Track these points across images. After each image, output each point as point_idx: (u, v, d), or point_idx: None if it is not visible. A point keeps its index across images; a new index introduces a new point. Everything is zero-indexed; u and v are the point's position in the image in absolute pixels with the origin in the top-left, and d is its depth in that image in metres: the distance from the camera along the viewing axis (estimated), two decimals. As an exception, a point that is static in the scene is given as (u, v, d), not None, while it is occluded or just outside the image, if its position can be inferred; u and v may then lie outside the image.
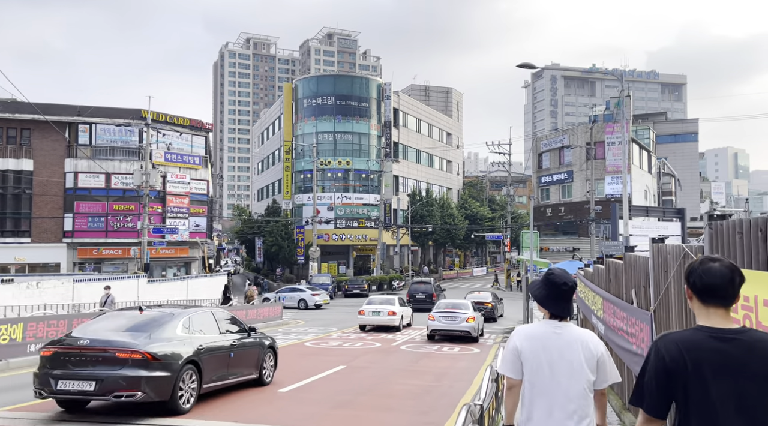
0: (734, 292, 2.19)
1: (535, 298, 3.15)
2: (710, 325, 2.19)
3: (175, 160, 40.46)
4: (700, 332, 2.18)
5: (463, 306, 19.47)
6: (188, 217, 41.17)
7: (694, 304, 2.26)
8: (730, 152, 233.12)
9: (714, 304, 2.20)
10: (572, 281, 3.07)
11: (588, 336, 3.04)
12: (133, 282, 19.98)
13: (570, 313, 3.09)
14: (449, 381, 11.37)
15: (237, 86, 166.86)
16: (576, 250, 47.57)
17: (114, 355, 7.29)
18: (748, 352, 2.11)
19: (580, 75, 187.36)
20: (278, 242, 49.11)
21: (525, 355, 3.02)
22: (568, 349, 2.96)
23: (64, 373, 7.29)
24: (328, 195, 53.99)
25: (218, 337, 8.96)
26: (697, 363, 2.12)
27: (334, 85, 55.45)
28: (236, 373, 9.33)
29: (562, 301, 3.05)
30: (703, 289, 2.20)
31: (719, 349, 2.12)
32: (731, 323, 2.19)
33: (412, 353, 15.88)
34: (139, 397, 7.23)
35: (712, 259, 2.23)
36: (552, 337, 3.00)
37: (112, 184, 38.02)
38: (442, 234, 58.22)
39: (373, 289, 47.26)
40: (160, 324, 8.05)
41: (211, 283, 24.12)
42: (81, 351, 7.37)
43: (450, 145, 71.94)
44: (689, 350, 2.15)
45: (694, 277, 2.22)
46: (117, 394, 7.17)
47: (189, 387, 7.92)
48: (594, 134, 47.35)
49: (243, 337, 9.74)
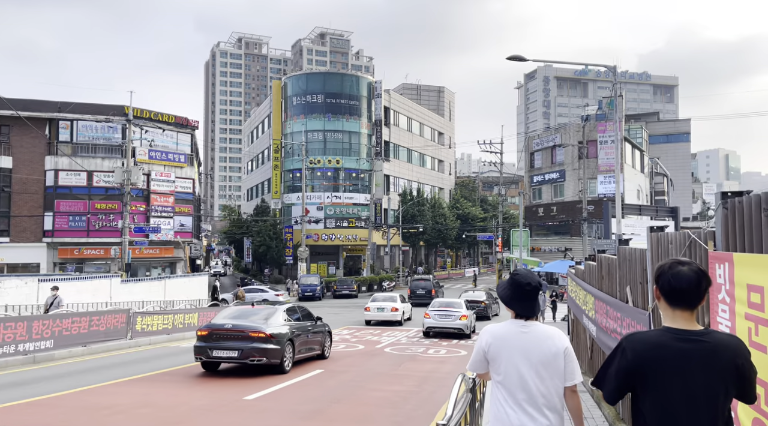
0: (700, 296, 2.26)
1: (501, 299, 3.16)
2: (675, 327, 2.26)
3: (159, 158, 39.53)
4: (666, 333, 2.26)
5: (457, 304, 20.43)
6: (173, 216, 40.24)
7: (662, 304, 2.34)
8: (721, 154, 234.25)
9: (680, 307, 2.27)
10: (536, 281, 3.09)
11: (553, 333, 3.07)
12: (105, 282, 19.13)
13: (535, 313, 3.11)
14: (431, 386, 10.64)
15: (228, 86, 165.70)
16: (568, 250, 47.02)
17: (248, 334, 11.15)
18: (711, 353, 2.18)
19: (573, 76, 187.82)
20: (266, 242, 48.24)
21: (491, 354, 3.08)
22: (534, 348, 3.00)
23: (217, 345, 11.16)
24: (317, 194, 53.17)
25: (300, 323, 12.66)
26: (661, 363, 2.20)
27: (324, 83, 54.65)
28: (312, 348, 13.07)
29: (526, 300, 3.07)
30: (672, 292, 2.27)
31: (683, 349, 2.20)
32: (695, 325, 2.28)
33: (396, 356, 15.14)
34: (264, 361, 11.08)
35: (681, 262, 2.30)
36: (518, 336, 3.04)
37: (94, 183, 37.04)
38: (434, 234, 57.52)
39: (363, 290, 46.51)
40: (271, 314, 11.98)
41: (191, 283, 23.29)
42: (227, 331, 11.24)
43: (442, 144, 71.30)
44: (654, 350, 2.23)
45: (663, 281, 2.30)
46: (251, 359, 10.99)
47: (289, 356, 11.66)
48: (586, 133, 46.82)
49: (314, 324, 13.43)
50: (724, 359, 2.17)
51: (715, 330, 2.45)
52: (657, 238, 4.65)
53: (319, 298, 40.48)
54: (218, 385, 10.29)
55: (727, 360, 2.17)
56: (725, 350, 2.19)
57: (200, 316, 19.60)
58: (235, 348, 11.05)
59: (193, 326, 19.12)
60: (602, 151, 45.89)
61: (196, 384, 10.41)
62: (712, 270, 3.36)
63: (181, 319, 18.49)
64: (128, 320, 15.85)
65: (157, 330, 17.19)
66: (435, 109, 75.43)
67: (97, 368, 12.14)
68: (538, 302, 3.14)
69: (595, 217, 44.80)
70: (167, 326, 17.77)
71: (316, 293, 40.03)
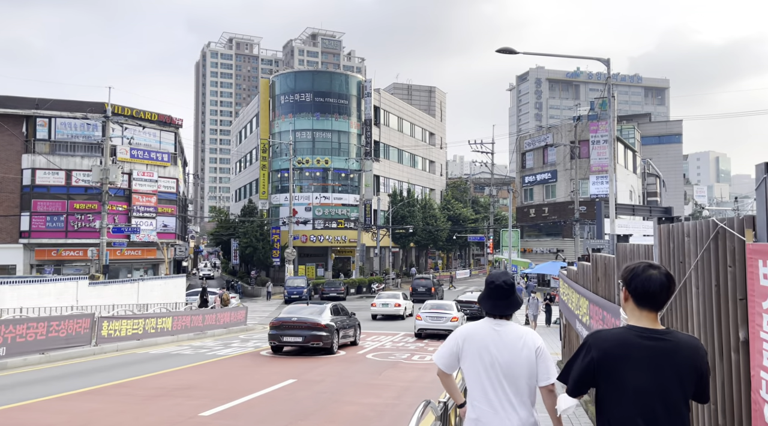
0: (666, 299, 2.37)
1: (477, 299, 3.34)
2: (640, 325, 2.36)
3: (141, 157, 38.45)
4: (630, 331, 2.35)
5: (448, 306, 20.79)
6: (156, 216, 39.14)
7: (629, 305, 2.43)
8: (711, 156, 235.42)
9: (647, 308, 2.37)
10: (507, 281, 3.11)
11: (526, 332, 3.08)
12: (71, 285, 18.09)
13: (506, 312, 3.12)
14: (411, 398, 9.75)
15: (219, 86, 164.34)
16: (560, 251, 46.31)
17: (309, 324, 14.94)
18: (672, 351, 2.29)
19: (564, 78, 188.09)
20: (253, 244, 47.16)
21: (464, 353, 3.10)
22: (507, 347, 3.01)
23: (286, 332, 14.95)
24: (305, 195, 52.18)
25: (340, 317, 16.37)
26: (624, 359, 2.30)
27: (313, 82, 53.70)
28: (348, 336, 16.72)
29: (496, 299, 3.10)
30: (643, 294, 2.35)
31: (646, 347, 2.29)
32: (658, 325, 2.37)
33: (377, 363, 14.24)
34: (320, 345, 14.96)
35: (652, 266, 2.39)
36: (491, 335, 3.06)
37: (73, 182, 35.89)
38: (424, 235, 56.64)
39: (352, 292, 45.56)
40: (322, 310, 15.71)
41: (167, 285, 22.27)
42: (293, 323, 15.05)
43: (433, 145, 70.52)
44: (618, 347, 2.33)
45: (636, 283, 2.38)
46: (312, 343, 14.86)
47: (335, 341, 15.40)
48: (578, 133, 46.14)
49: (349, 318, 17.17)
50: (685, 357, 2.28)
51: (676, 330, 2.52)
52: (668, 230, 3.79)
53: (306, 300, 39.40)
54: (176, 399, 9.35)
55: (687, 358, 2.28)
56: (686, 349, 2.30)
57: (175, 320, 18.62)
58: (299, 335, 14.89)
59: (166, 331, 18.15)
60: (594, 151, 45.25)
61: (152, 398, 9.46)
62: (752, 268, 2.50)
63: (153, 323, 17.49)
64: (93, 325, 14.85)
65: (125, 335, 16.19)
66: (426, 109, 74.63)
67: (48, 379, 11.15)
68: (512, 302, 3.13)
69: (588, 218, 44.13)
70: (137, 331, 16.78)
71: (302, 296, 39.01)
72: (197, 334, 19.87)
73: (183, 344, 17.81)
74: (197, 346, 17.21)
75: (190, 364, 13.55)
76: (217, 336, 20.70)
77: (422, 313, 20.03)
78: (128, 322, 16.31)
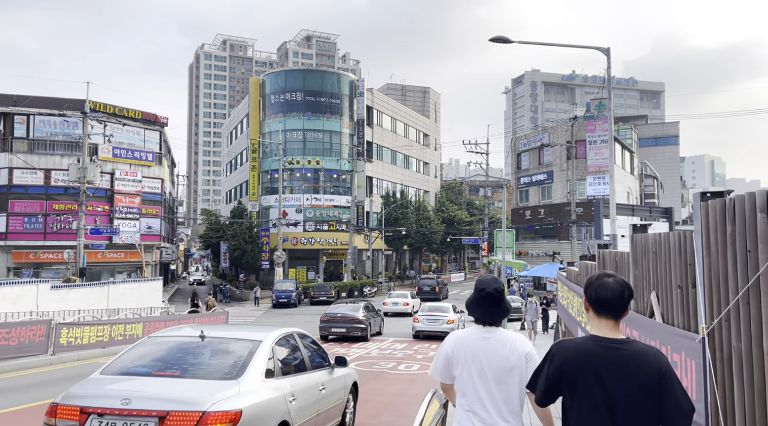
0: (623, 306, 2.39)
1: (465, 304, 3.26)
2: (600, 335, 2.39)
3: (125, 156, 37.22)
4: (591, 341, 2.37)
5: (444, 309, 21.39)
6: (139, 218, 37.89)
7: (590, 315, 2.47)
8: (706, 160, 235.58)
9: (605, 316, 2.40)
10: (498, 288, 3.10)
11: (515, 338, 3.09)
12: (31, 289, 16.80)
13: (497, 319, 3.12)
14: (391, 416, 8.60)
15: (213, 89, 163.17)
16: (556, 254, 45.17)
17: (350, 318, 19.53)
18: (629, 360, 2.29)
19: (560, 81, 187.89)
20: (241, 246, 45.86)
21: (454, 360, 3.11)
22: (496, 353, 3.03)
23: (334, 325, 19.49)
24: (296, 196, 50.98)
25: (369, 313, 20.51)
26: (585, 367, 2.32)
27: (304, 81, 52.56)
28: (375, 330, 20.70)
29: (487, 307, 3.11)
30: (598, 301, 2.39)
31: (605, 357, 2.31)
32: (619, 334, 2.39)
33: (360, 373, 13.05)
34: (359, 334, 19.40)
35: (607, 274, 2.45)
36: (480, 342, 3.08)
37: (53, 182, 34.63)
38: (418, 238, 55.46)
39: (343, 296, 44.34)
40: (358, 307, 20.29)
41: (141, 289, 20.92)
42: (339, 317, 19.60)
43: (427, 146, 69.48)
44: (579, 356, 2.35)
45: (591, 291, 2.42)
46: (353, 333, 19.33)
47: (369, 331, 19.84)
48: (575, 133, 45.13)
49: (376, 314, 21.40)
50: (645, 365, 2.28)
51: (636, 340, 2.49)
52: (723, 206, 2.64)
53: (294, 304, 38.25)
54: None
55: (648, 366, 2.28)
56: (645, 356, 2.31)
57: (146, 326, 17.38)
58: (343, 327, 19.39)
59: (137, 338, 16.90)
60: (591, 152, 44.26)
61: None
62: None
63: (121, 329, 16.26)
64: (50, 332, 13.62)
65: (88, 343, 14.95)
66: (420, 110, 73.59)
67: (-15, 394, 9.91)
68: (502, 309, 3.11)
69: (585, 220, 43.11)
70: (102, 339, 15.54)
71: (291, 300, 37.79)
72: (171, 340, 18.62)
73: (153, 352, 16.59)
74: (168, 355, 15.99)
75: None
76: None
77: (420, 316, 20.88)
78: (91, 329, 15.08)
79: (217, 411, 4.17)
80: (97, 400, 4.28)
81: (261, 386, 4.80)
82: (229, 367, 4.86)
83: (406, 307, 29.70)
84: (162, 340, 5.46)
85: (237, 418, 4.22)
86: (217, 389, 4.43)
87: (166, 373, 4.77)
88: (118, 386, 4.58)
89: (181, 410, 4.12)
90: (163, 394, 4.32)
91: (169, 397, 4.27)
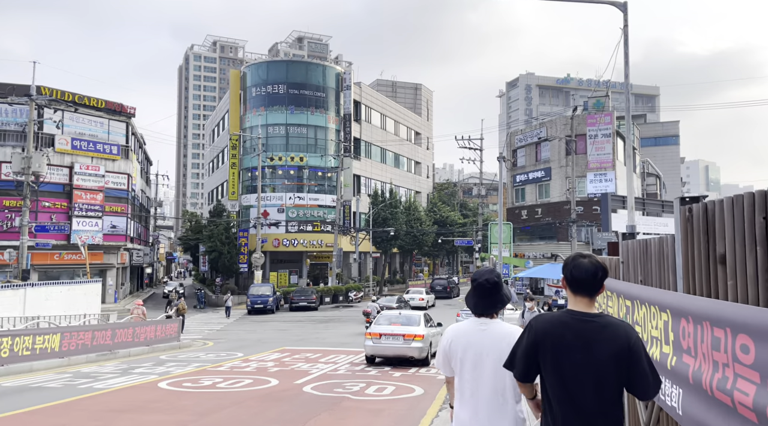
0: (597, 285, 2.58)
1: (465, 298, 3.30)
2: (576, 309, 2.58)
3: (85, 148, 34.10)
4: (566, 315, 2.57)
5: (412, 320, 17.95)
6: (102, 216, 34.72)
7: (568, 292, 2.64)
8: (701, 165, 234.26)
9: (580, 294, 2.57)
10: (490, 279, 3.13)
11: (511, 331, 3.11)
12: None
13: (490, 311, 3.15)
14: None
15: (202, 90, 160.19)
16: (555, 256, 42.31)
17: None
18: (599, 332, 2.47)
19: (555, 85, 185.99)
20: (217, 248, 42.67)
21: (452, 352, 3.16)
22: (492, 345, 3.06)
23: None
24: (278, 195, 47.91)
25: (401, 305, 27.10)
26: (559, 339, 2.49)
27: (287, 72, 49.59)
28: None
29: (479, 298, 3.15)
30: (573, 280, 2.58)
31: (578, 328, 2.48)
32: (593, 309, 2.58)
33: (314, 400, 10.02)
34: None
35: (582, 255, 2.64)
36: (477, 334, 3.12)
37: (3, 175, 31.45)
38: (408, 240, 52.38)
39: (326, 302, 41.25)
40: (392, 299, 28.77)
41: (73, 293, 17.73)
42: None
43: (419, 145, 66.60)
44: (555, 328, 2.52)
45: (566, 271, 2.62)
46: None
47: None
48: (575, 126, 42.29)
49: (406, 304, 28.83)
50: (613, 336, 2.44)
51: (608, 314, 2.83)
52: None
53: (272, 310, 35.13)
54: None
55: (617, 337, 2.44)
56: (616, 329, 2.47)
57: (65, 337, 14.28)
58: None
59: (52, 352, 13.84)
60: (592, 147, 41.45)
61: None
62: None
63: (29, 342, 13.17)
64: None
65: (-23, 360, 11.85)
66: (411, 107, 70.71)
67: None
68: (496, 301, 3.14)
69: (585, 219, 40.25)
70: (1, 354, 12.44)
71: (267, 305, 34.67)
72: (102, 354, 15.54)
73: (69, 370, 13.49)
74: (85, 373, 12.91)
75: (45, 403, 9.32)
76: (132, 356, 16.39)
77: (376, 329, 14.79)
78: (-18, 342, 11.98)
79: (417, 333, 14.47)
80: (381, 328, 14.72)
81: (425, 329, 14.82)
82: (415, 321, 15.05)
83: (422, 302, 34.68)
84: (388, 314, 16.04)
85: (424, 336, 14.51)
86: (414, 329, 14.63)
87: (396, 324, 14.85)
88: (385, 328, 14.72)
89: (408, 333, 14.40)
90: (400, 330, 14.55)
91: (403, 331, 14.53)
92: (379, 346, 14.30)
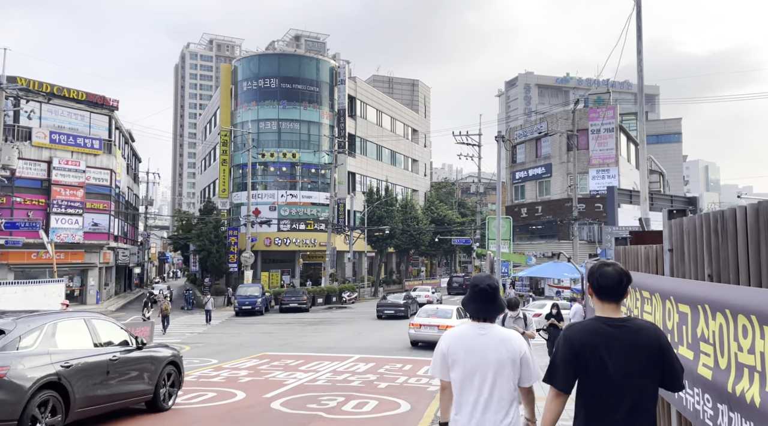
0: (622, 292, 2.67)
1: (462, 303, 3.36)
2: (604, 316, 2.64)
3: (65, 143, 32.57)
4: (597, 321, 2.63)
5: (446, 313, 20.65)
6: (83, 213, 33.21)
7: (594, 299, 2.72)
8: (701, 165, 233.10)
9: (607, 301, 2.66)
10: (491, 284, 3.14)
11: (511, 336, 3.12)
12: None
13: (489, 316, 3.15)
14: None
15: (198, 89, 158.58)
16: (556, 255, 40.84)
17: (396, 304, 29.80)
18: (632, 335, 2.54)
19: (554, 84, 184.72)
20: (206, 247, 41.15)
21: (451, 356, 3.13)
22: (491, 350, 3.05)
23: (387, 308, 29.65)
24: (270, 192, 46.42)
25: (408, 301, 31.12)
26: (595, 345, 2.55)
27: (279, 66, 48.09)
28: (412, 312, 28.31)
29: (479, 303, 3.15)
30: (600, 289, 2.66)
31: (611, 333, 2.55)
32: (620, 314, 2.66)
33: (280, 419, 8.53)
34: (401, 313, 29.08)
35: (607, 263, 2.71)
36: (475, 339, 3.11)
37: (-23, 170, 29.88)
38: (405, 239, 50.86)
39: (319, 303, 39.75)
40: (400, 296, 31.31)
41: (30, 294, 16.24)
42: (389, 303, 30.20)
43: (416, 142, 65.14)
44: (588, 335, 2.59)
45: (593, 279, 2.69)
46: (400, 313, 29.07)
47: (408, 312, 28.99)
48: (576, 121, 40.84)
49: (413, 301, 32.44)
50: (646, 338, 2.52)
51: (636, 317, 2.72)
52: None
53: (260, 312, 33.61)
54: None
55: (649, 339, 2.53)
56: (646, 331, 2.55)
57: None
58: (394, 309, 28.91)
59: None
60: (595, 142, 40.00)
61: None
62: None
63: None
64: None
65: None
66: (408, 104, 69.26)
67: None
68: (495, 306, 3.14)
69: (588, 217, 38.81)
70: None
71: (256, 307, 33.15)
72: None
73: None
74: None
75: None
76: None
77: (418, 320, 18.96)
78: None
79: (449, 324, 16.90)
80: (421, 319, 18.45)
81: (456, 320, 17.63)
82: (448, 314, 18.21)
83: (427, 299, 35.51)
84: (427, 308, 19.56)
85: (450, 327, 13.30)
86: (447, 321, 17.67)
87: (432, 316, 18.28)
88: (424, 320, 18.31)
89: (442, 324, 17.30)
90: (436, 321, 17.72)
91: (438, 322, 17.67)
92: (419, 333, 17.92)
